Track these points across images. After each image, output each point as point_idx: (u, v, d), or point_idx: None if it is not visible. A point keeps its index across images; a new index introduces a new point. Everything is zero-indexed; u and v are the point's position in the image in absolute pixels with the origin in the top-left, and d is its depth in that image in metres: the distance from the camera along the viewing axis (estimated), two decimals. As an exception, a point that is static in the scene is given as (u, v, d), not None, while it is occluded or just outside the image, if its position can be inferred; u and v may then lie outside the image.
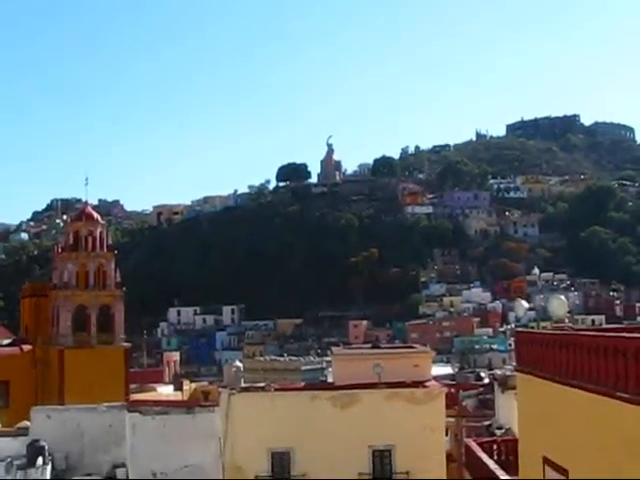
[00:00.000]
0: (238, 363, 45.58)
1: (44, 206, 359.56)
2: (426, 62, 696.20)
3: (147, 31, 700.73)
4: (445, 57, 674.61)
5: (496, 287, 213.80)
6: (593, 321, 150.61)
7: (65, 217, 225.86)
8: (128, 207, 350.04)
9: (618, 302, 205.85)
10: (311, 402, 39.97)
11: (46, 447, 41.07)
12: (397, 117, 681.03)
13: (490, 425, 51.42)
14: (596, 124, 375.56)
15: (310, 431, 38.73)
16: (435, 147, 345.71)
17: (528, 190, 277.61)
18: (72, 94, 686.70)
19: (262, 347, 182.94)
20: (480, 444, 38.15)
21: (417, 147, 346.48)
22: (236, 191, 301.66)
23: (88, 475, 40.67)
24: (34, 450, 40.90)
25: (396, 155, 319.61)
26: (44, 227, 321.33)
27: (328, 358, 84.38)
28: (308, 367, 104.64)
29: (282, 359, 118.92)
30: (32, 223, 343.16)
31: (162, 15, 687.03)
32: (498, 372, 74.76)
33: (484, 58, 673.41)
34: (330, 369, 60.39)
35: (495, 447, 37.07)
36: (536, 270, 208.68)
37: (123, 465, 41.15)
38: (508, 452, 35.19)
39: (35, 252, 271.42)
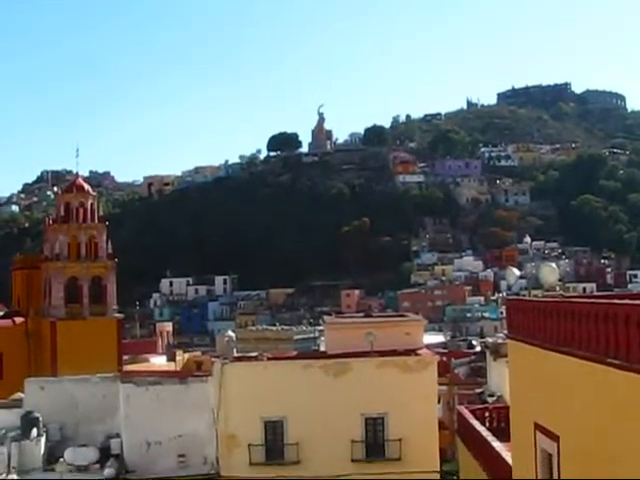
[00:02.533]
0: (231, 333, 45.77)
1: (34, 178, 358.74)
2: (417, 31, 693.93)
3: (142, 6, 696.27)
4: (435, 27, 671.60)
5: (487, 255, 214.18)
6: (584, 289, 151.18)
7: (56, 189, 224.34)
8: (119, 178, 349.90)
9: (609, 270, 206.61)
10: (304, 371, 40.16)
11: (40, 418, 41.23)
12: (388, 86, 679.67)
13: (482, 392, 51.74)
14: (587, 92, 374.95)
15: (303, 400, 38.94)
16: (426, 116, 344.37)
17: (519, 158, 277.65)
18: (63, 67, 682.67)
19: (254, 317, 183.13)
20: (472, 411, 38.37)
21: (408, 116, 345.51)
22: (227, 161, 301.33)
23: (83, 446, 40.87)
24: (28, 422, 41.04)
25: (387, 124, 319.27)
26: (35, 199, 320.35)
27: (320, 327, 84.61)
28: (300, 336, 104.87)
29: (274, 329, 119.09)
30: (22, 195, 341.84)
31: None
32: (490, 340, 75.01)
33: (474, 27, 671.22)
34: (322, 338, 60.64)
35: (487, 414, 37.29)
36: (527, 238, 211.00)
37: (117, 435, 41.35)
38: (500, 419, 35.42)
39: (26, 224, 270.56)
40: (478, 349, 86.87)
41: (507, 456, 27.83)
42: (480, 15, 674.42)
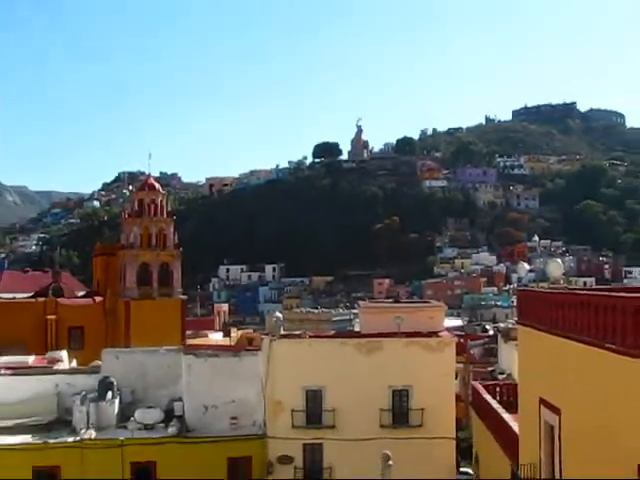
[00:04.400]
0: (278, 314, 45.75)
1: (113, 178, 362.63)
2: (443, 55, 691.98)
3: (207, 20, 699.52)
4: (458, 51, 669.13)
5: (501, 252, 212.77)
6: (585, 282, 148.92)
7: (131, 187, 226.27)
8: (184, 179, 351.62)
9: (607, 266, 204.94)
10: (340, 348, 40.15)
11: (115, 383, 41.63)
12: (418, 103, 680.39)
13: (493, 370, 51.43)
14: (591, 110, 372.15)
15: (339, 373, 38.97)
16: (450, 129, 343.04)
17: (530, 168, 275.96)
18: (140, 81, 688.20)
19: (299, 300, 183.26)
20: (485, 386, 38.17)
21: (434, 129, 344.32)
22: (278, 166, 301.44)
23: (150, 407, 41.19)
24: (105, 386, 41.45)
25: (416, 136, 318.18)
26: (113, 196, 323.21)
27: (355, 310, 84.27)
28: (338, 318, 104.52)
29: (316, 311, 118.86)
30: (103, 192, 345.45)
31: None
32: (501, 325, 74.67)
33: (493, 52, 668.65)
34: (357, 320, 60.39)
35: (498, 389, 37.06)
36: (536, 237, 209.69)
37: (179, 399, 41.60)
38: (509, 394, 35.16)
39: (105, 217, 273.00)
40: (491, 333, 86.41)
41: (515, 426, 27.67)
42: (497, 42, 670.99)
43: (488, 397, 35.50)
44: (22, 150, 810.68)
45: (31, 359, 50.54)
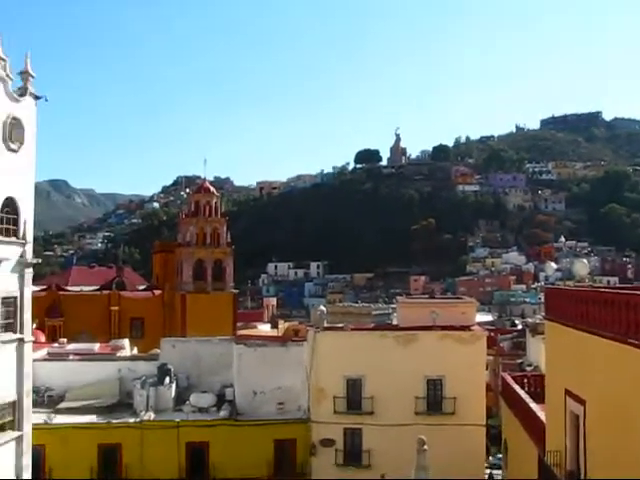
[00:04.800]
0: (322, 307, 45.73)
1: (171, 182, 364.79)
2: (474, 68, 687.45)
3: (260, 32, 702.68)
4: (490, 64, 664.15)
5: (529, 251, 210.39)
6: (608, 281, 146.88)
7: (188, 190, 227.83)
8: (237, 183, 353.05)
9: (630, 266, 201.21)
10: (379, 340, 40.03)
11: (172, 369, 41.99)
12: (452, 112, 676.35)
13: (522, 363, 51.02)
14: (615, 119, 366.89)
15: (378, 363, 38.85)
16: (482, 137, 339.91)
17: (557, 173, 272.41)
18: (196, 92, 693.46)
19: (341, 295, 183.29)
20: (514, 378, 37.87)
21: (467, 137, 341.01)
22: (322, 171, 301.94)
23: (204, 392, 41.45)
24: (163, 371, 41.83)
25: (450, 143, 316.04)
26: (171, 198, 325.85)
27: (393, 305, 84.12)
28: (377, 312, 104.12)
29: (357, 305, 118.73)
30: (162, 195, 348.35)
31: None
32: (529, 320, 74.00)
33: (522, 65, 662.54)
34: (395, 314, 60.17)
35: (526, 380, 36.73)
36: (562, 238, 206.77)
37: (231, 385, 41.80)
38: (536, 385, 34.84)
39: (164, 218, 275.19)
40: (520, 327, 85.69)
41: (542, 415, 27.40)
42: (526, 55, 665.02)
43: (517, 387, 35.20)
44: (90, 156, 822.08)
45: (96, 346, 51.18)
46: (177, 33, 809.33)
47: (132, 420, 38.94)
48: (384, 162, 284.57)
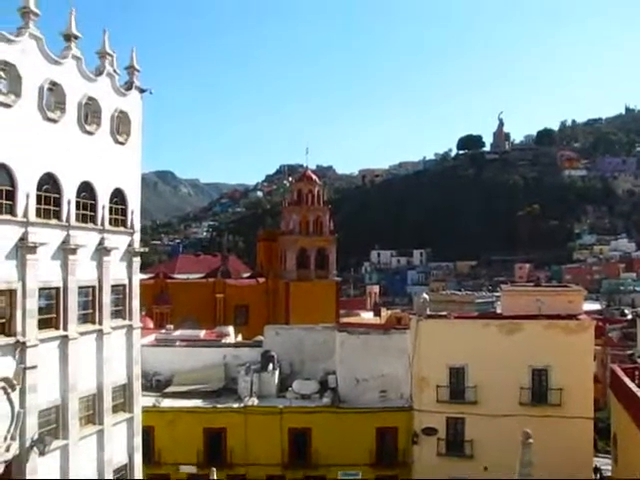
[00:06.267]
0: (425, 295, 45.46)
1: (274, 170, 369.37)
2: (582, 47, 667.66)
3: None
4: (598, 42, 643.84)
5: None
6: None
7: (290, 179, 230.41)
8: (339, 171, 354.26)
9: None
10: (483, 328, 39.58)
11: (275, 356, 42.66)
12: (557, 94, 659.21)
13: (632, 354, 49.49)
14: None
15: (481, 352, 38.46)
16: (589, 120, 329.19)
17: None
18: (300, 84, 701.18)
19: (444, 283, 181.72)
20: (623, 369, 36.79)
21: (573, 120, 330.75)
22: (424, 158, 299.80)
23: (307, 379, 41.93)
24: (266, 358, 42.55)
25: (556, 127, 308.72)
26: (274, 187, 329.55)
27: (497, 293, 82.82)
28: (481, 300, 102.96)
29: (460, 293, 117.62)
30: (265, 184, 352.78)
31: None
32: (640, 310, 71.54)
33: (634, 40, 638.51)
34: (499, 302, 59.29)
35: (637, 373, 35.64)
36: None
37: (333, 372, 42.16)
38: (648, 377, 33.79)
39: (268, 206, 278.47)
40: (629, 317, 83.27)
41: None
42: (636, 29, 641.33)
43: (627, 380, 34.17)
44: (195, 147, 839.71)
45: (202, 333, 52.43)
46: (290, 28, 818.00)
47: (236, 405, 39.79)
48: (487, 148, 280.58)
